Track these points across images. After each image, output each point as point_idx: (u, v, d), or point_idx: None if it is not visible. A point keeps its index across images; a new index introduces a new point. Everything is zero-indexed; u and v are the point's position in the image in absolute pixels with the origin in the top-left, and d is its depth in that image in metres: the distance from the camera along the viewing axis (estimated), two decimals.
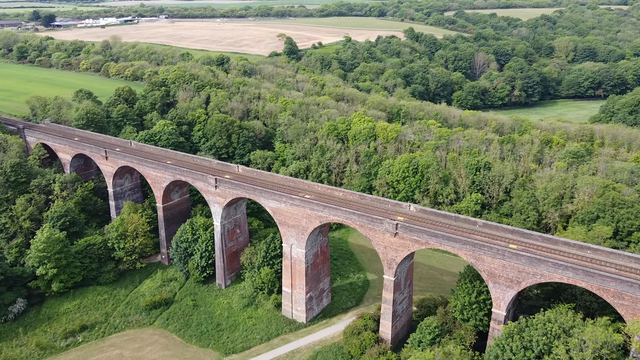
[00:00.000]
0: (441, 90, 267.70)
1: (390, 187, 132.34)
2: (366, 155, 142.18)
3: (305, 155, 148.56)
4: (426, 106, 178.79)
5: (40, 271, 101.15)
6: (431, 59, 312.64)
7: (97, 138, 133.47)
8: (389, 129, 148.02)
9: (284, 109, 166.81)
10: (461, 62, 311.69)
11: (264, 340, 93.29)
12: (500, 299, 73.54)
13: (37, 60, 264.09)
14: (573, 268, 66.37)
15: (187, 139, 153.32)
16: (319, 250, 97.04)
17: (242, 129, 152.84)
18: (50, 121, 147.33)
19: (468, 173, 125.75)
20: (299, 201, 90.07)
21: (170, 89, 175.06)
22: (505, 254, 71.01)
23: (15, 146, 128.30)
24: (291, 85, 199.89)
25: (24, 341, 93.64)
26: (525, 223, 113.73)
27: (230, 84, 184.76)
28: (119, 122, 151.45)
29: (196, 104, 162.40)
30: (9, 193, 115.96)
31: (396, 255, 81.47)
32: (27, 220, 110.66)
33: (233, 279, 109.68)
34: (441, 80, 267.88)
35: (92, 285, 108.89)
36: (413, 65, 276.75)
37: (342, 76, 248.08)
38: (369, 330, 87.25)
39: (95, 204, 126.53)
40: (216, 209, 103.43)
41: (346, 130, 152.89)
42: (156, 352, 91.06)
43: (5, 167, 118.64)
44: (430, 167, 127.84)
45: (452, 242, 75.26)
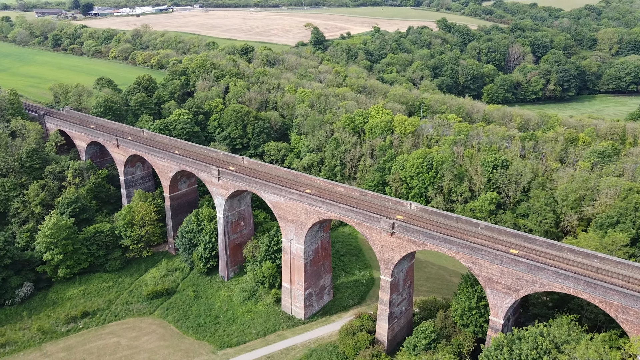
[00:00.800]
0: (471, 83, 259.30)
1: (403, 183, 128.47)
2: (381, 149, 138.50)
3: (320, 147, 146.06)
4: (449, 100, 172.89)
5: (47, 256, 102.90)
6: (463, 51, 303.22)
7: (112, 126, 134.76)
8: (407, 123, 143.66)
9: (302, 100, 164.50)
10: (495, 54, 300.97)
11: (260, 336, 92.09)
12: (498, 306, 69.63)
13: (69, 48, 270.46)
14: (574, 278, 61.87)
15: (203, 128, 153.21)
16: (319, 247, 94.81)
17: (258, 120, 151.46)
18: (70, 108, 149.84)
19: (484, 171, 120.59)
20: (298, 196, 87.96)
21: (191, 78, 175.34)
22: (504, 260, 67.00)
23: (34, 132, 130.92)
24: (313, 76, 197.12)
25: (28, 324, 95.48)
26: (541, 225, 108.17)
27: (250, 74, 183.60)
28: (137, 110, 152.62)
29: (214, 93, 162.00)
30: (23, 178, 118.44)
31: (393, 255, 78.40)
32: (38, 206, 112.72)
33: (236, 271, 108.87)
34: (471, 73, 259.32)
35: (98, 272, 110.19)
36: (443, 57, 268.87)
37: (368, 67, 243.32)
38: (364, 331, 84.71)
39: (108, 192, 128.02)
40: (219, 200, 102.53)
41: (363, 123, 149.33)
42: (152, 342, 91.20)
43: (22, 152, 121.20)
44: (445, 163, 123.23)
45: (449, 245, 71.65)
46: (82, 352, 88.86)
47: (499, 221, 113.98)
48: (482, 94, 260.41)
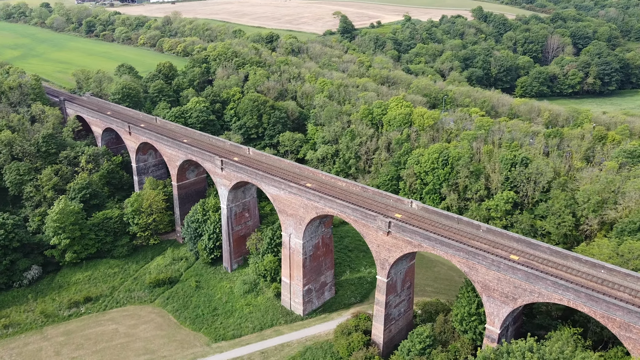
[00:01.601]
0: (504, 76, 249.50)
1: (417, 178, 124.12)
2: (397, 142, 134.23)
3: (335, 139, 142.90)
4: (474, 92, 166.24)
5: (54, 241, 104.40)
6: (498, 41, 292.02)
7: (128, 113, 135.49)
8: (426, 116, 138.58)
9: (321, 90, 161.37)
10: (532, 45, 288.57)
11: (256, 330, 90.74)
12: (495, 314, 65.61)
13: (101, 34, 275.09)
14: (574, 290, 57.25)
15: (220, 117, 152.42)
16: (320, 242, 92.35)
17: (275, 110, 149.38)
18: (90, 94, 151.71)
19: (502, 168, 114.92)
20: (297, 190, 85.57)
21: (211, 66, 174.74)
22: (501, 266, 62.84)
23: (52, 118, 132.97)
24: (336, 66, 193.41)
25: (32, 307, 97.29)
26: (559, 228, 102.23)
27: (272, 63, 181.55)
28: (155, 97, 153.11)
29: (232, 82, 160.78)
30: (38, 163, 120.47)
31: (389, 255, 75.16)
32: (50, 190, 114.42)
33: (240, 263, 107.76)
34: (505, 65, 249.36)
35: (105, 258, 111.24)
36: (475, 48, 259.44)
37: (396, 57, 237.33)
38: (359, 332, 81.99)
39: (121, 178, 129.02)
40: (223, 191, 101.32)
41: (381, 115, 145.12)
42: (149, 331, 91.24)
43: (38, 137, 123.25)
44: (461, 159, 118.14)
45: (445, 247, 67.88)
46: (80, 338, 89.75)
47: (515, 222, 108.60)
48: (515, 87, 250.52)
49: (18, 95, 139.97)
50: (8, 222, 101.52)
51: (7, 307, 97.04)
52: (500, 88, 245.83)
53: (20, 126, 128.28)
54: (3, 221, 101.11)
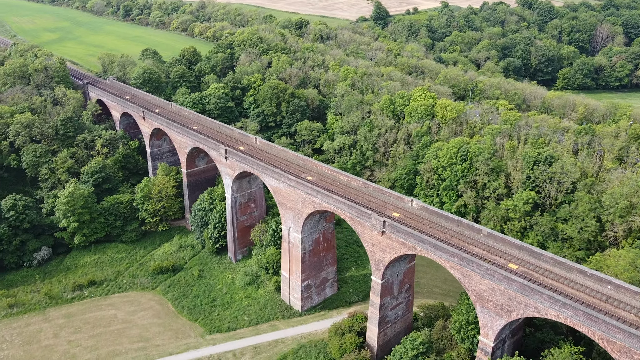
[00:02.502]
0: (545, 66, 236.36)
1: (434, 174, 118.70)
2: (417, 135, 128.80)
3: (354, 129, 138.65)
4: (505, 84, 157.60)
5: (64, 223, 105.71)
6: (542, 30, 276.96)
7: (146, 98, 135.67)
8: (449, 108, 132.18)
9: (344, 79, 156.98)
10: (578, 34, 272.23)
11: (252, 324, 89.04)
12: (488, 326, 61.00)
13: (137, 18, 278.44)
14: (572, 307, 52.02)
15: (239, 104, 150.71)
16: (320, 237, 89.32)
17: (294, 98, 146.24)
18: (113, 78, 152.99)
19: (524, 166, 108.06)
20: (295, 183, 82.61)
21: (236, 52, 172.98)
22: (495, 275, 58.07)
23: (73, 101, 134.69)
24: (363, 54, 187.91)
25: (39, 288, 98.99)
26: (581, 233, 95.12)
27: (297, 49, 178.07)
28: (176, 83, 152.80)
29: (254, 68, 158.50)
30: (55, 145, 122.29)
31: (383, 256, 71.35)
32: (64, 173, 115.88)
33: (245, 253, 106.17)
34: (546, 55, 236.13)
35: (114, 242, 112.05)
36: (515, 36, 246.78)
37: (429, 46, 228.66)
38: (353, 333, 78.71)
39: (136, 163, 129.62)
40: (227, 180, 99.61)
41: (403, 106, 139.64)
42: (146, 319, 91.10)
43: (57, 120, 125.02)
44: (480, 155, 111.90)
45: (439, 251, 63.48)
46: (79, 321, 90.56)
47: (535, 224, 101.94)
48: (556, 79, 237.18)
49: (43, 78, 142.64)
50: (19, 204, 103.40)
51: (15, 287, 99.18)
52: (540, 80, 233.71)
53: (42, 109, 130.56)
54: (14, 202, 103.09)
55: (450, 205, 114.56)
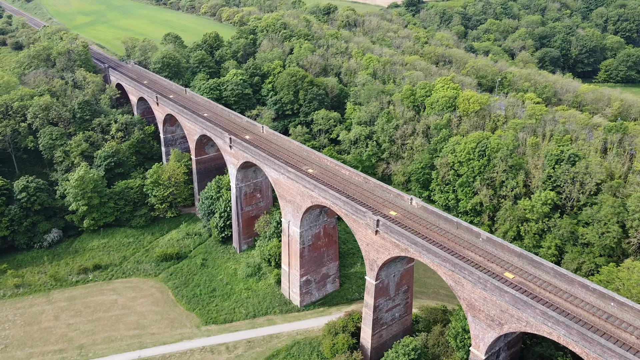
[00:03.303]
0: (586, 57, 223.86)
1: (451, 169, 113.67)
2: (436, 128, 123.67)
3: (372, 120, 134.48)
4: (536, 75, 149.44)
5: (73, 207, 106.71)
6: (585, 18, 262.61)
7: (162, 83, 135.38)
8: (472, 100, 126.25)
9: (366, 67, 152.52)
10: (626, 23, 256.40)
11: (249, 317, 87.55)
12: (480, 338, 57.14)
13: (169, 2, 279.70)
14: (566, 324, 47.65)
15: (257, 91, 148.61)
16: (321, 232, 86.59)
17: (313, 86, 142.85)
18: (134, 62, 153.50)
19: (546, 164, 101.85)
20: (294, 175, 79.96)
21: (258, 38, 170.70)
22: (487, 285, 54.03)
23: (92, 85, 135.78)
24: (390, 41, 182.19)
25: (46, 269, 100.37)
26: (602, 239, 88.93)
27: (321, 36, 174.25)
28: (195, 68, 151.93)
29: (275, 54, 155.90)
30: (71, 129, 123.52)
31: (377, 256, 68.10)
32: (78, 157, 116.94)
33: (250, 244, 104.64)
34: (588, 45, 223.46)
35: (123, 227, 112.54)
36: (556, 25, 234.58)
37: (461, 34, 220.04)
38: (347, 333, 76.03)
39: (151, 148, 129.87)
40: (232, 170, 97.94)
41: (424, 97, 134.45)
42: (145, 306, 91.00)
43: (74, 103, 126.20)
44: (499, 151, 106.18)
45: (432, 255, 59.73)
46: (81, 305, 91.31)
47: (553, 227, 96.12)
48: (598, 71, 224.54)
49: (65, 61, 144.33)
50: (31, 186, 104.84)
51: (23, 267, 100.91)
52: (580, 71, 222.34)
53: (62, 92, 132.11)
54: (26, 184, 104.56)
55: (465, 203, 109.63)
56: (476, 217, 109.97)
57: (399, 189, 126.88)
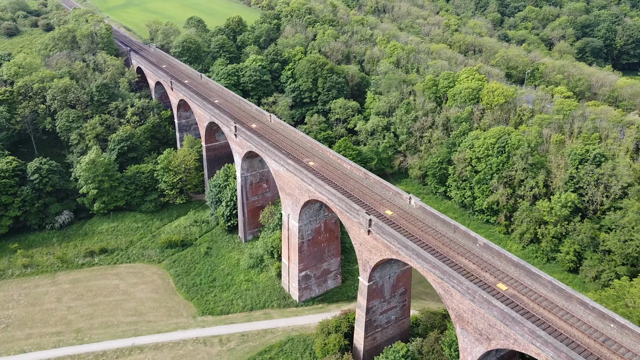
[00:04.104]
0: (631, 48, 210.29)
1: (468, 165, 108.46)
2: (456, 121, 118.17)
3: (391, 110, 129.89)
4: (570, 67, 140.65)
5: (83, 190, 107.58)
6: (635, 6, 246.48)
7: (180, 67, 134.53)
8: (497, 92, 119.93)
9: (390, 55, 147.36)
10: None
11: (246, 309, 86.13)
12: (467, 351, 53.45)
13: None
14: (555, 346, 43.50)
15: (276, 77, 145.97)
16: (322, 227, 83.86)
17: (333, 73, 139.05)
18: (156, 46, 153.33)
19: (569, 164, 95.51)
20: (293, 168, 77.30)
21: (282, 23, 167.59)
22: (476, 296, 50.19)
23: (112, 68, 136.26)
24: (418, 28, 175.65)
25: (55, 251, 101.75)
26: (624, 247, 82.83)
27: (347, 22, 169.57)
28: (216, 53, 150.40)
29: (296, 40, 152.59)
30: (88, 111, 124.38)
31: (370, 257, 64.94)
32: (93, 140, 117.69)
33: (256, 234, 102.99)
34: (635, 35, 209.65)
35: (133, 212, 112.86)
36: (601, 13, 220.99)
37: (497, 21, 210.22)
38: (340, 333, 73.43)
39: (167, 133, 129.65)
40: (237, 159, 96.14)
41: (447, 88, 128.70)
42: (145, 292, 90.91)
43: (92, 86, 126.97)
44: (519, 148, 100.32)
45: (422, 261, 56.12)
46: (83, 288, 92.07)
47: (572, 231, 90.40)
48: None
49: (88, 44, 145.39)
50: (43, 167, 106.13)
51: (33, 248, 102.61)
52: (625, 63, 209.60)
53: (82, 75, 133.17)
54: (39, 166, 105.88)
55: (481, 201, 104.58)
56: (492, 216, 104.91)
57: (415, 183, 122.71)
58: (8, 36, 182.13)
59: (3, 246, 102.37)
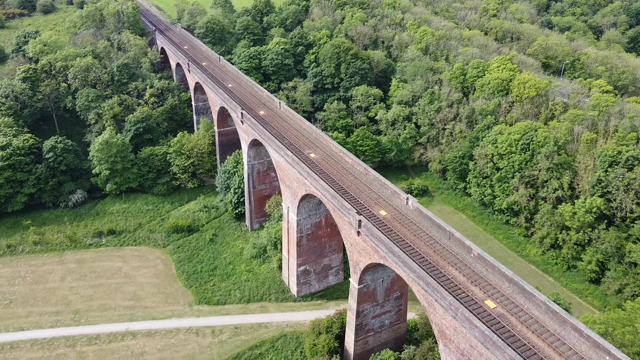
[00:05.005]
0: None
1: (490, 161, 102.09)
2: (481, 113, 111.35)
3: (414, 100, 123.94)
4: (614, 59, 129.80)
5: (96, 170, 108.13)
6: None
7: (201, 49, 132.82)
8: (529, 84, 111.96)
9: (419, 41, 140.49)
10: None
11: (242, 301, 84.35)
12: None
13: None
14: None
15: (300, 62, 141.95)
16: (322, 221, 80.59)
17: (357, 59, 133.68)
18: (181, 27, 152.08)
19: (598, 166, 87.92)
20: (291, 159, 74.08)
21: (310, 5, 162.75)
22: (458, 314, 45.92)
23: (135, 48, 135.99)
24: (454, 13, 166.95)
25: (66, 229, 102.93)
26: None
27: (378, 4, 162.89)
28: (240, 35, 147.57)
29: (323, 23, 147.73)
30: (108, 91, 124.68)
31: (360, 259, 61.32)
32: (110, 120, 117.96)
33: (263, 223, 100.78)
34: None
35: (145, 194, 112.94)
36: None
37: (543, 6, 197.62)
38: (331, 334, 70.46)
39: (185, 115, 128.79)
40: (244, 146, 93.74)
41: (476, 77, 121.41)
42: (146, 277, 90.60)
43: (113, 66, 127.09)
44: (545, 146, 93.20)
45: (407, 269, 52.07)
46: (87, 269, 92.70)
47: (596, 239, 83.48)
48: None
49: (115, 23, 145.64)
50: (58, 146, 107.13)
51: (46, 225, 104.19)
52: None
53: (105, 54, 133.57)
54: (54, 144, 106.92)
55: (501, 201, 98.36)
56: (513, 217, 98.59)
57: (435, 177, 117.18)
58: (44, 13, 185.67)
59: (17, 222, 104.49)
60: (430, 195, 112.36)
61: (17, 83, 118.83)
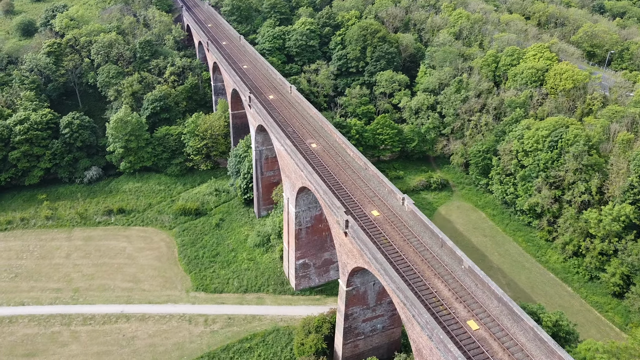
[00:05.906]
0: None
1: (514, 158, 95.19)
2: (510, 105, 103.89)
3: (441, 87, 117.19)
4: None
5: (111, 148, 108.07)
6: None
7: (224, 27, 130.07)
8: (565, 76, 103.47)
9: (453, 25, 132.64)
10: None
11: (240, 291, 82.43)
12: None
13: None
14: None
15: (325, 43, 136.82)
16: (323, 215, 76.92)
17: (384, 42, 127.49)
18: (209, 4, 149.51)
19: (631, 170, 79.96)
20: (290, 150, 70.52)
21: None
22: (433, 334, 41.75)
23: (160, 24, 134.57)
24: None
25: (77, 206, 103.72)
26: None
27: None
28: (267, 13, 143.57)
29: (353, 4, 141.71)
30: (130, 68, 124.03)
31: (347, 261, 57.62)
32: (129, 97, 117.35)
33: (270, 210, 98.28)
34: None
35: (159, 174, 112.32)
36: None
37: None
38: (320, 335, 67.42)
39: (204, 95, 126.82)
40: (252, 131, 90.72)
41: (509, 66, 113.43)
42: (148, 259, 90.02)
43: (136, 43, 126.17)
44: (574, 145, 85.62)
45: (388, 278, 48.02)
46: (93, 247, 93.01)
47: (622, 250, 76.23)
48: None
49: None
50: (75, 122, 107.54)
51: (60, 200, 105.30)
52: None
53: (130, 30, 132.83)
54: (70, 120, 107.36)
55: (522, 201, 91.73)
56: (535, 219, 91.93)
57: (457, 171, 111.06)
58: None
59: (33, 196, 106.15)
60: (450, 190, 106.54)
61: (42, 57, 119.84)
